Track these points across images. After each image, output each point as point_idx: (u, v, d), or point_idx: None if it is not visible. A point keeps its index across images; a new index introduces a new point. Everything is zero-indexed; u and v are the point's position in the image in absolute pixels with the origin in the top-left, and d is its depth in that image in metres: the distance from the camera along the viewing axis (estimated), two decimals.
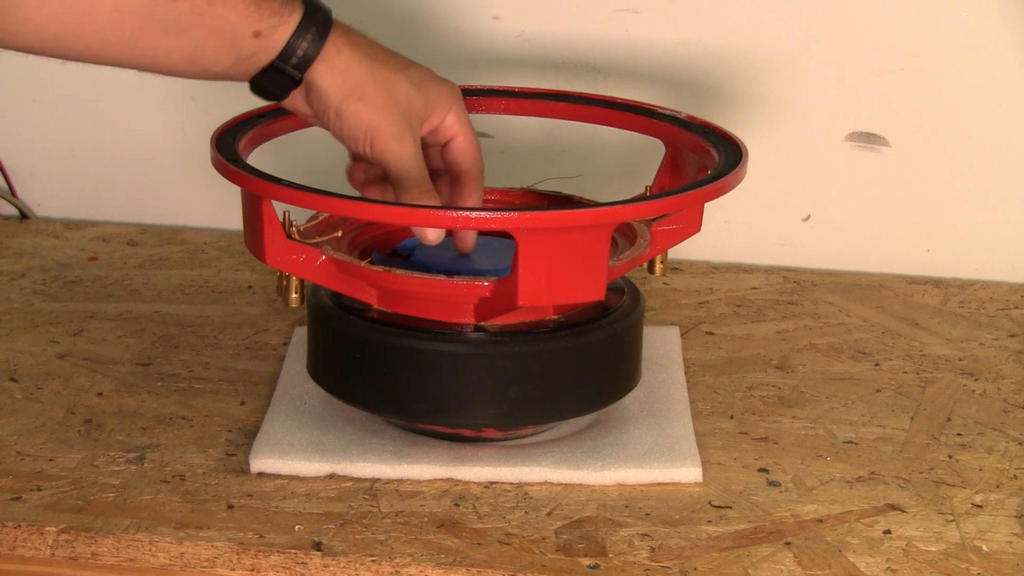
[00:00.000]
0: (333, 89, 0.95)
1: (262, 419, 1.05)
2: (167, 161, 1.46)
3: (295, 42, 0.93)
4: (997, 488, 0.99)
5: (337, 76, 0.94)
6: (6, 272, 1.33)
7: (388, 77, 0.95)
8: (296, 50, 0.93)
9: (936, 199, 1.36)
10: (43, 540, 0.92)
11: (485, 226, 0.93)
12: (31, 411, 1.07)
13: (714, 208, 1.02)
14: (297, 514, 0.94)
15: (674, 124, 1.10)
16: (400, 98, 0.96)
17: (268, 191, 0.94)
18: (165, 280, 1.31)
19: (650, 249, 1.03)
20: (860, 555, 0.91)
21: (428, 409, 0.98)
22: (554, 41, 1.37)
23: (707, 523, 0.94)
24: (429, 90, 0.97)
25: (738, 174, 0.99)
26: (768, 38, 1.34)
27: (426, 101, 0.97)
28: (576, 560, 0.90)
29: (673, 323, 1.24)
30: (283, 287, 1.00)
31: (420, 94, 0.97)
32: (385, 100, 0.95)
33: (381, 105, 0.95)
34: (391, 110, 0.95)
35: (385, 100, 0.95)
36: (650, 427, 1.04)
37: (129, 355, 1.16)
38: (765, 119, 1.36)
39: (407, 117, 0.96)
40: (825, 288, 1.32)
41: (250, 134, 1.04)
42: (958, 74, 1.33)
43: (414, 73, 0.97)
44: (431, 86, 0.97)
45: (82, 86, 1.45)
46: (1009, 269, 1.36)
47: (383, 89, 0.95)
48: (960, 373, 1.16)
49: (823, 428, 1.07)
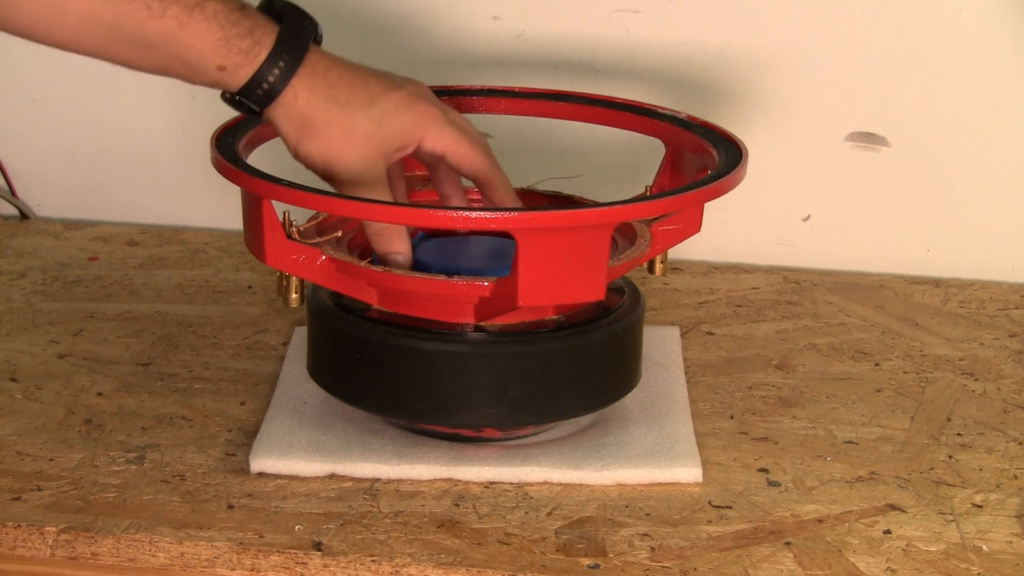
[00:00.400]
0: (289, 132, 0.97)
1: (262, 419, 1.05)
2: (167, 161, 1.46)
3: (256, 80, 0.95)
4: (997, 488, 0.99)
5: (293, 121, 0.96)
6: (6, 272, 1.33)
7: (346, 119, 0.96)
8: (256, 89, 0.95)
9: (936, 199, 1.36)
10: (43, 540, 0.92)
11: (485, 226, 0.93)
12: (31, 411, 1.07)
13: (714, 208, 1.02)
14: (297, 514, 0.94)
15: (674, 124, 1.10)
16: (357, 139, 0.97)
17: (268, 191, 0.94)
18: (165, 280, 1.31)
19: (650, 249, 1.03)
20: (860, 555, 0.91)
21: (428, 409, 0.98)
22: (554, 41, 1.37)
23: (707, 523, 0.94)
24: (391, 124, 0.98)
25: (738, 174, 0.99)
26: (768, 38, 1.34)
27: (388, 136, 0.98)
28: (576, 560, 0.90)
29: (673, 323, 1.24)
30: (283, 287, 1.00)
31: (381, 131, 0.97)
32: (341, 142, 0.96)
33: (336, 147, 0.96)
34: (347, 153, 0.97)
35: (341, 142, 0.96)
36: (650, 427, 1.04)
37: (129, 355, 1.16)
38: (765, 119, 1.36)
39: (366, 159, 0.97)
40: (825, 288, 1.32)
41: (250, 134, 1.04)
42: (958, 74, 1.33)
43: (376, 110, 0.97)
44: (395, 120, 0.98)
45: (82, 86, 1.44)
46: (1009, 269, 1.36)
47: (340, 131, 0.96)
48: (960, 373, 1.16)
49: (823, 428, 1.07)
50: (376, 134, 0.97)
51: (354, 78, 0.97)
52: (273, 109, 0.96)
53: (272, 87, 0.95)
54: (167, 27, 0.92)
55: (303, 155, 0.97)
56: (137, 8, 0.91)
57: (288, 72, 0.95)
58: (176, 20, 0.92)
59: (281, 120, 0.97)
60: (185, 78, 0.95)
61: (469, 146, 1.00)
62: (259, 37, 0.94)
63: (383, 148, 0.98)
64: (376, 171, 0.97)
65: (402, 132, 0.98)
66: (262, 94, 0.95)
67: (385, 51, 1.38)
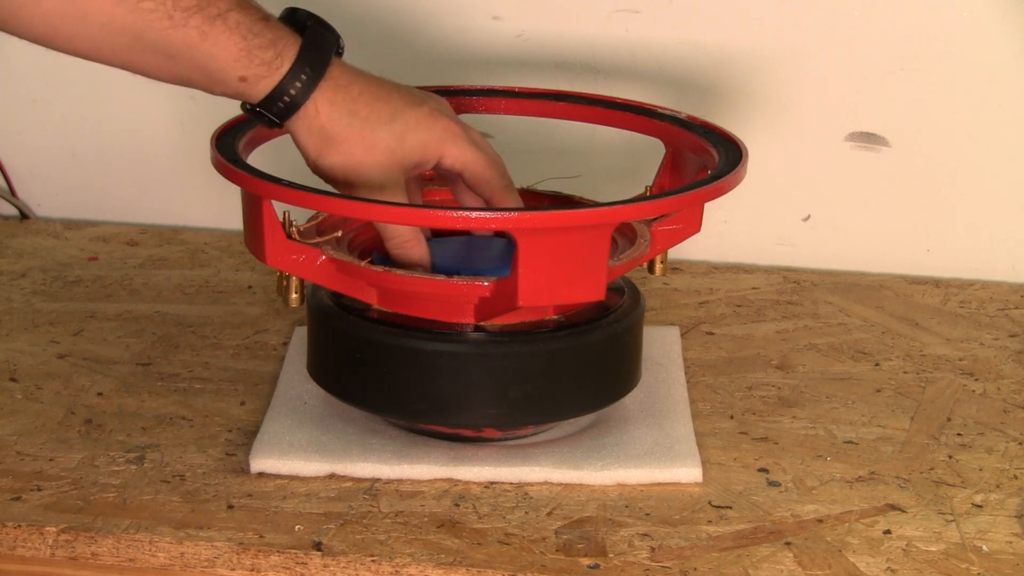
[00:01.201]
0: (310, 145, 0.97)
1: (262, 419, 1.05)
2: (167, 161, 1.46)
3: (278, 92, 0.95)
4: (997, 488, 0.99)
5: (314, 134, 0.96)
6: (6, 272, 1.33)
7: (368, 134, 0.96)
8: (278, 101, 0.95)
9: (936, 199, 1.36)
10: (43, 540, 0.92)
11: (485, 226, 0.93)
12: (31, 411, 1.07)
13: (714, 208, 1.02)
14: (297, 514, 0.94)
15: (674, 124, 1.10)
16: (379, 154, 0.97)
17: (268, 191, 0.94)
18: (165, 280, 1.31)
19: (650, 249, 1.03)
20: (860, 555, 0.91)
21: (428, 409, 0.98)
22: (554, 41, 1.37)
23: (707, 523, 0.94)
24: (412, 140, 0.98)
25: (738, 174, 0.99)
26: (768, 38, 1.34)
27: (409, 152, 0.98)
28: (576, 560, 0.90)
29: (673, 323, 1.24)
30: (283, 287, 1.00)
31: (402, 146, 0.97)
32: (363, 155, 0.97)
33: (358, 161, 0.97)
34: (369, 168, 0.97)
35: (363, 155, 0.97)
36: (650, 427, 1.04)
37: (129, 355, 1.16)
38: (765, 119, 1.36)
39: (387, 172, 0.97)
40: (825, 288, 1.32)
41: (250, 134, 1.04)
42: (958, 74, 1.33)
43: (397, 126, 0.97)
44: (415, 135, 0.98)
45: (82, 86, 1.44)
46: (1009, 269, 1.36)
47: (361, 145, 0.96)
48: (960, 373, 1.16)
49: (823, 428, 1.07)
50: (397, 148, 0.97)
51: (376, 92, 0.97)
52: (294, 122, 0.96)
53: (294, 99, 0.95)
54: (189, 36, 0.92)
55: (324, 168, 0.97)
56: (159, 17, 0.91)
57: (310, 85, 0.95)
58: (198, 30, 0.92)
59: (302, 133, 0.96)
60: (206, 88, 0.95)
61: (487, 166, 1.00)
62: (281, 49, 0.94)
63: (404, 163, 0.98)
64: (396, 183, 0.98)
65: (423, 148, 0.98)
66: (283, 106, 0.95)
67: (385, 51, 1.38)
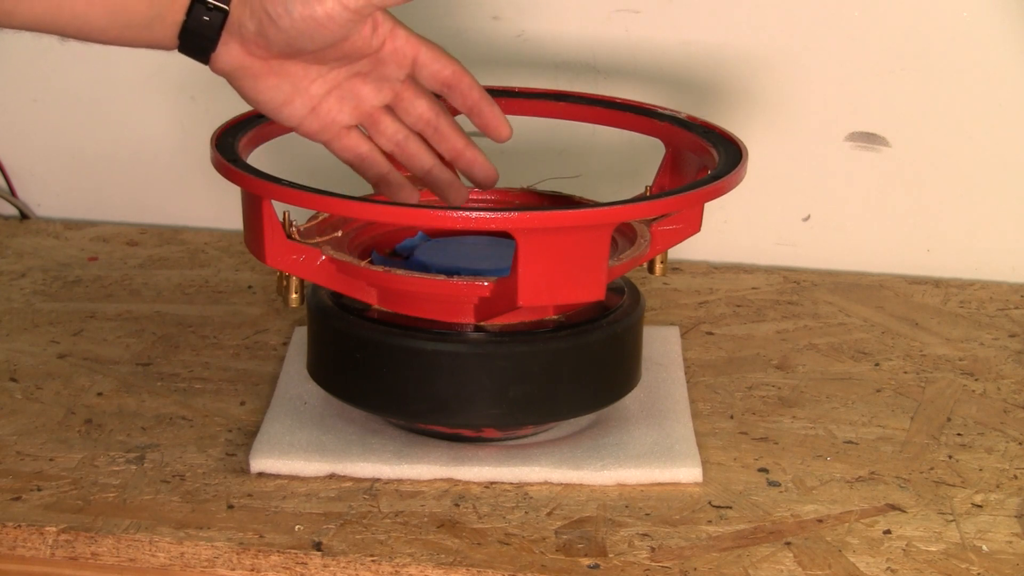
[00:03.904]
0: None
1: (262, 419, 1.05)
2: (167, 161, 1.46)
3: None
4: (997, 488, 0.99)
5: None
6: (6, 272, 1.33)
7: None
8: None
9: (936, 199, 1.36)
10: (43, 540, 0.92)
11: (485, 226, 0.93)
12: (31, 411, 1.07)
13: (714, 208, 1.02)
14: (297, 514, 0.94)
15: (674, 124, 1.10)
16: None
17: (268, 191, 0.94)
18: (165, 280, 1.31)
19: (650, 249, 1.03)
20: (860, 555, 0.91)
21: (428, 409, 0.98)
22: (554, 41, 1.37)
23: (707, 523, 0.94)
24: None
25: (738, 174, 0.99)
26: (768, 38, 1.34)
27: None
28: (576, 560, 0.90)
29: (673, 323, 1.24)
30: (283, 287, 1.00)
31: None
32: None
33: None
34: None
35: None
36: (650, 427, 1.04)
37: (129, 355, 1.16)
38: (765, 119, 1.36)
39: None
40: (825, 288, 1.32)
41: (250, 134, 1.04)
42: (958, 74, 1.33)
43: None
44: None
45: (82, 86, 1.44)
46: (1009, 269, 1.36)
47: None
48: (960, 373, 1.16)
49: (823, 428, 1.07)
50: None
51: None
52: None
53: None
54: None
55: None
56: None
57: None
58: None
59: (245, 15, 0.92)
60: (138, 11, 0.92)
61: (433, 44, 0.98)
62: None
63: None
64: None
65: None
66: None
67: None
